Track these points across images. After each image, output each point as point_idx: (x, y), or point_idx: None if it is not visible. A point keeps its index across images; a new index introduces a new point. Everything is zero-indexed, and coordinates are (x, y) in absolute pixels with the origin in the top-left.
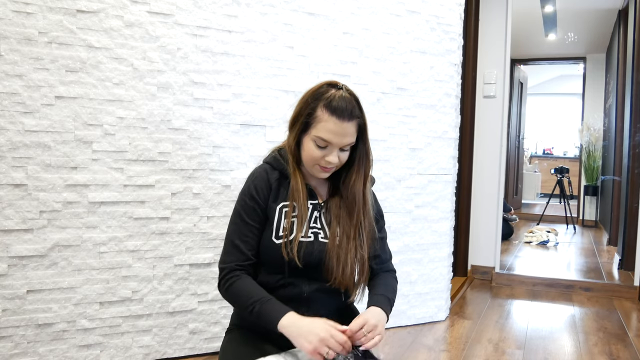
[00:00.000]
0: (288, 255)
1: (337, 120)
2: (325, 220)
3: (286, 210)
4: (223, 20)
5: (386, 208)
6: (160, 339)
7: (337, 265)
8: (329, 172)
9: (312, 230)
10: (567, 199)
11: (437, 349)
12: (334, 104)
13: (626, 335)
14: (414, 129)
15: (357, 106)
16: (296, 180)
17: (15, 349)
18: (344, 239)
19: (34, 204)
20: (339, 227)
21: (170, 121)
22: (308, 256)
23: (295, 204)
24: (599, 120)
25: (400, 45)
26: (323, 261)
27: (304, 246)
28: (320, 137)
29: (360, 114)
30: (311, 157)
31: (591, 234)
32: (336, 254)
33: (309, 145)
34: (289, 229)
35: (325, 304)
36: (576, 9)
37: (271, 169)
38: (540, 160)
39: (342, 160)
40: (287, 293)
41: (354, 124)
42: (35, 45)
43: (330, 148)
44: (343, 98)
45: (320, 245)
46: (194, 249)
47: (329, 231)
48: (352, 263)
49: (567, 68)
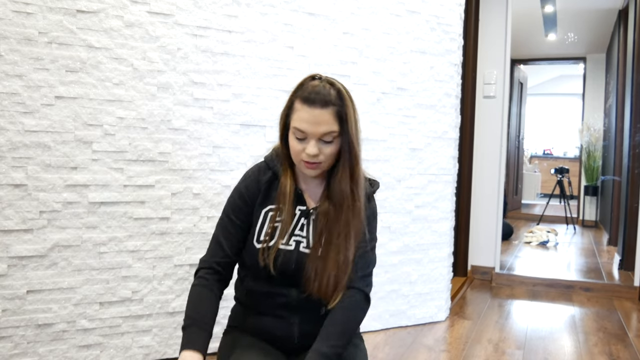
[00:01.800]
0: (264, 261)
1: (308, 109)
2: (312, 228)
3: (271, 214)
4: (223, 20)
5: (386, 208)
6: (160, 339)
7: (314, 278)
8: (314, 169)
9: (295, 238)
10: (567, 199)
11: (437, 349)
12: (306, 94)
13: (626, 335)
14: (414, 129)
15: (337, 95)
16: (285, 184)
17: (15, 349)
18: (327, 249)
19: (34, 204)
20: (325, 235)
21: (170, 121)
22: (284, 265)
23: (282, 207)
24: (599, 120)
25: (400, 45)
26: (301, 272)
27: (281, 254)
28: (296, 128)
29: (340, 102)
30: (294, 151)
31: (591, 234)
32: (314, 266)
33: (290, 140)
34: (271, 234)
35: (315, 310)
36: (576, 9)
37: (265, 168)
38: (540, 161)
39: (326, 154)
40: (276, 301)
41: (329, 112)
42: (35, 45)
43: (308, 139)
44: (317, 87)
45: (299, 255)
46: (194, 249)
47: (313, 241)
48: (332, 274)
49: (567, 68)
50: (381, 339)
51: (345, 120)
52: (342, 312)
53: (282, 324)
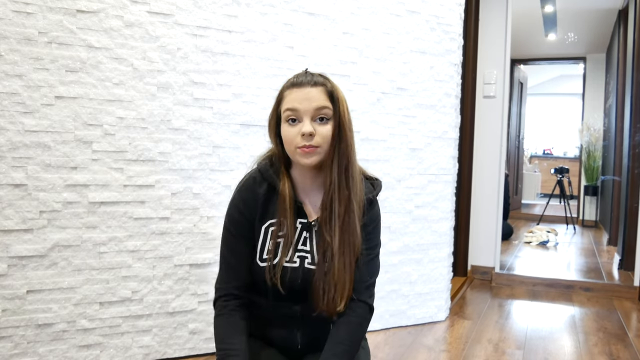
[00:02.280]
0: (271, 280)
1: (298, 89)
2: (316, 241)
3: (272, 230)
4: (223, 20)
5: (386, 208)
6: (160, 339)
7: (322, 296)
8: (311, 154)
9: (299, 254)
10: (567, 199)
11: (437, 349)
12: (292, 79)
13: (626, 335)
14: (414, 129)
15: (324, 78)
16: (284, 196)
17: (15, 349)
18: (332, 264)
19: (34, 204)
20: (329, 248)
21: (170, 121)
22: (292, 283)
23: (283, 220)
24: (599, 120)
25: (400, 45)
26: (307, 289)
27: (288, 272)
28: (288, 108)
29: (329, 83)
30: (288, 140)
31: (591, 234)
32: (321, 283)
33: (283, 129)
34: (274, 251)
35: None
36: (576, 9)
37: (260, 179)
38: (540, 161)
39: (323, 135)
40: (280, 312)
41: (320, 90)
42: (35, 45)
43: (301, 118)
44: (303, 73)
45: (305, 272)
46: (194, 249)
47: (317, 255)
48: (338, 289)
49: (567, 68)
50: (381, 338)
51: (337, 100)
52: (346, 329)
53: (285, 331)
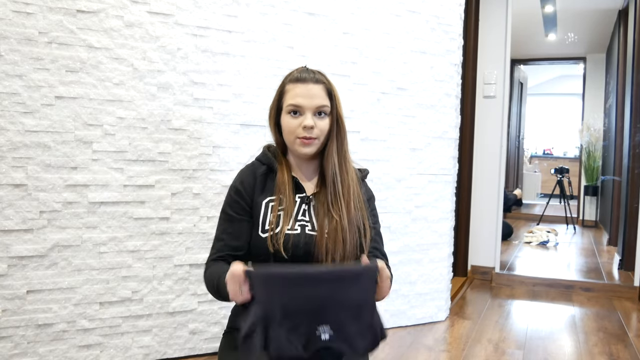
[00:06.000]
0: (274, 246)
1: (301, 85)
2: (314, 213)
3: (272, 204)
4: (223, 20)
5: (386, 208)
6: (160, 339)
7: (326, 259)
8: (310, 144)
9: (300, 223)
10: (567, 199)
11: (437, 349)
12: (295, 75)
13: (626, 335)
14: (414, 129)
15: (323, 76)
16: (282, 173)
17: (15, 349)
18: (333, 231)
19: (34, 204)
20: (328, 218)
21: (170, 121)
22: (294, 248)
23: (282, 197)
24: (599, 120)
25: (400, 45)
26: (311, 253)
27: (290, 238)
28: (292, 104)
29: (327, 81)
30: (289, 130)
31: (591, 234)
32: (325, 246)
33: (285, 120)
34: (275, 222)
35: None
36: (576, 9)
37: (259, 164)
38: (540, 161)
39: (321, 128)
40: None
41: (321, 88)
42: (35, 45)
43: (303, 112)
44: (304, 69)
45: (307, 237)
46: (194, 249)
47: (317, 224)
48: (340, 251)
49: (567, 68)
50: None
51: (334, 98)
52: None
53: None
